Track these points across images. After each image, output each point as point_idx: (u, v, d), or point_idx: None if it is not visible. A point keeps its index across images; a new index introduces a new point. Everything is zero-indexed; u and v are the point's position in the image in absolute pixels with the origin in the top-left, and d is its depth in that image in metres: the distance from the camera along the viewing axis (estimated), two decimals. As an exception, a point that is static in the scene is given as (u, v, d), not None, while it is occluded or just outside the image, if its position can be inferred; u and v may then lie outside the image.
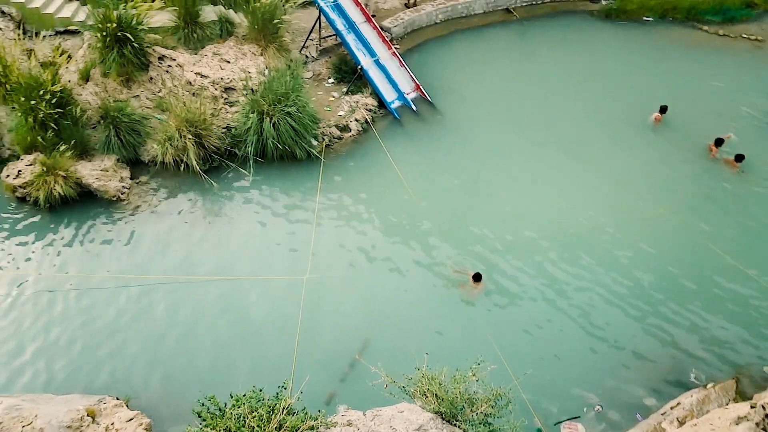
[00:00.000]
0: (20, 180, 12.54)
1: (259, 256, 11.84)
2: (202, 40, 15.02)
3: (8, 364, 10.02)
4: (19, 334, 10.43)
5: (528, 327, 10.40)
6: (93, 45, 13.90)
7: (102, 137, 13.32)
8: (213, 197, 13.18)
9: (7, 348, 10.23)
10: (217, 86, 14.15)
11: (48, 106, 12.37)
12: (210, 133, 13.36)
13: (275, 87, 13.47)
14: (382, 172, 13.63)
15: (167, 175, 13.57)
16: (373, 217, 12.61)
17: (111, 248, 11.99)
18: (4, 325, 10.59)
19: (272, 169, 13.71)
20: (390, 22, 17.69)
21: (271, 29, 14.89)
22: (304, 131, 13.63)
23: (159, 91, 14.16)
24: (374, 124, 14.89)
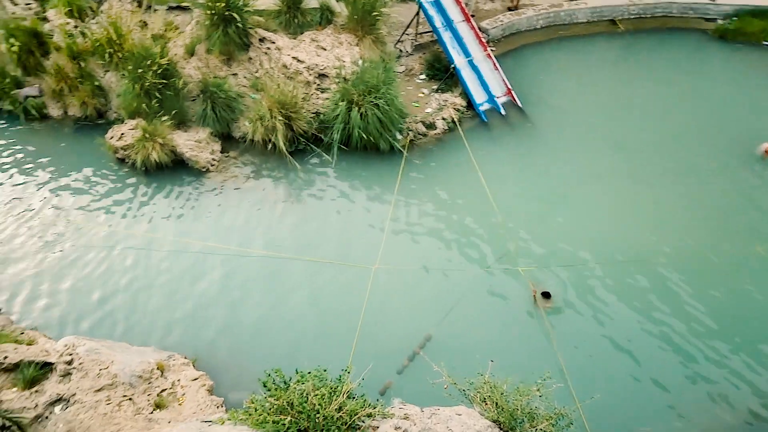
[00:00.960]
0: (122, 142, 13.39)
1: (331, 241, 12.07)
2: (302, 25, 15.41)
3: (92, 312, 10.76)
4: (105, 286, 11.17)
5: (600, 352, 9.98)
6: (201, 22, 14.61)
7: (199, 110, 13.99)
8: (295, 179, 13.55)
9: (92, 297, 10.98)
10: (311, 72, 14.49)
11: (154, 76, 13.14)
12: (299, 116, 13.72)
13: (367, 78, 13.65)
14: (463, 173, 13.53)
15: (255, 152, 14.08)
16: (449, 217, 12.55)
17: (195, 216, 12.60)
18: (93, 276, 11.37)
19: (355, 158, 13.93)
20: (488, 24, 17.48)
21: (369, 21, 15.07)
22: (390, 124, 13.74)
23: (256, 71, 14.68)
24: (460, 125, 14.78)
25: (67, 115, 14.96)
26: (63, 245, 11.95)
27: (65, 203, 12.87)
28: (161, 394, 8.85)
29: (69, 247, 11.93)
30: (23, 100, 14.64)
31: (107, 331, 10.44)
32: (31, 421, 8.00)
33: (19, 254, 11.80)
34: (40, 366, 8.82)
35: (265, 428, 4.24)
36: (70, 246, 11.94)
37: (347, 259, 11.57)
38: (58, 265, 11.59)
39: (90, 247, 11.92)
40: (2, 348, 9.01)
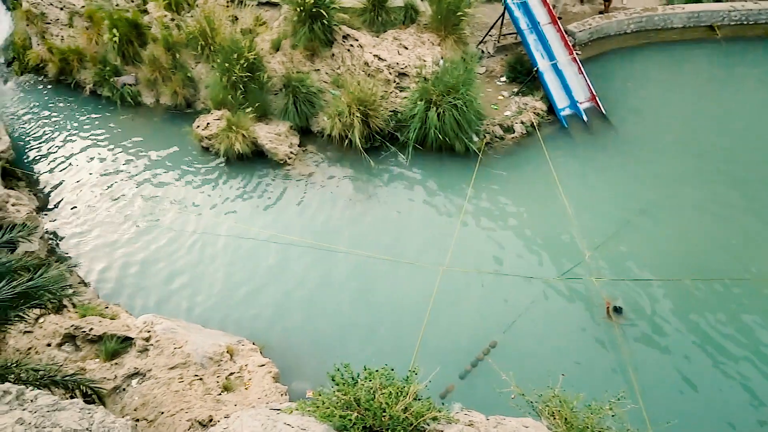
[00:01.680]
0: (207, 131, 13.95)
1: (401, 239, 12.09)
2: (385, 24, 15.50)
3: (161, 289, 11.33)
4: (175, 266, 11.73)
5: (676, 376, 9.43)
6: (289, 18, 14.99)
7: (281, 104, 14.36)
8: (369, 175, 13.67)
9: (161, 276, 11.57)
10: (392, 70, 14.56)
11: (242, 69, 13.61)
12: (377, 114, 13.81)
13: (447, 78, 13.55)
14: (540, 179, 13.19)
15: (331, 147, 14.31)
16: (522, 223, 12.28)
17: (269, 206, 12.97)
18: (165, 255, 11.94)
19: (429, 158, 13.87)
20: (576, 27, 16.94)
21: (453, 20, 14.96)
22: (467, 126, 13.59)
23: (338, 68, 14.90)
24: (540, 129, 14.42)
25: (158, 103, 15.75)
26: (142, 223, 12.66)
27: (149, 184, 13.58)
28: (229, 377, 9.16)
29: (146, 225, 12.62)
30: (120, 87, 15.54)
31: (175, 309, 10.94)
32: (110, 391, 8.48)
33: (102, 229, 12.57)
34: (121, 340, 9.35)
35: (331, 422, 4.29)
36: (148, 224, 12.63)
37: (415, 259, 11.55)
38: (135, 241, 12.31)
39: (165, 227, 12.56)
40: (88, 320, 9.62)
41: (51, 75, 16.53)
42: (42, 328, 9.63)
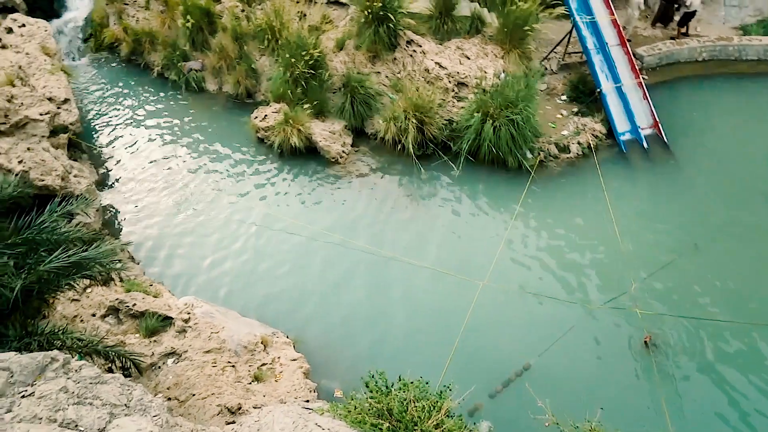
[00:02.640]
0: (264, 123, 14.20)
1: (443, 249, 12.00)
2: (450, 32, 15.43)
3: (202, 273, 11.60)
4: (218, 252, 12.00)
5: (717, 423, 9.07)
6: (355, 19, 15.12)
7: (338, 103, 14.49)
8: (418, 182, 13.64)
9: (204, 260, 11.85)
10: (451, 79, 14.49)
11: (305, 65, 13.79)
12: (432, 121, 13.77)
13: (507, 92, 13.40)
14: (591, 203, 12.88)
15: (383, 151, 14.34)
16: (569, 244, 12.01)
17: (316, 202, 13.10)
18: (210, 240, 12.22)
19: (480, 171, 13.74)
20: (645, 50, 16.48)
21: (519, 35, 14.78)
22: (522, 142, 13.40)
23: (398, 72, 14.93)
24: (596, 152, 14.08)
25: (221, 90, 16.13)
26: (192, 206, 12.99)
27: (203, 169, 13.91)
28: (261, 367, 9.29)
29: (196, 209, 12.96)
30: (187, 72, 15.99)
31: (212, 294, 11.17)
32: (146, 368, 8.71)
33: (153, 208, 12.95)
34: (161, 319, 9.60)
35: (362, 428, 4.29)
36: (197, 208, 12.96)
37: (456, 270, 11.45)
38: (183, 223, 12.63)
39: (213, 212, 12.86)
40: (133, 296, 9.91)
41: (123, 54, 17.14)
42: (89, 298, 9.98)
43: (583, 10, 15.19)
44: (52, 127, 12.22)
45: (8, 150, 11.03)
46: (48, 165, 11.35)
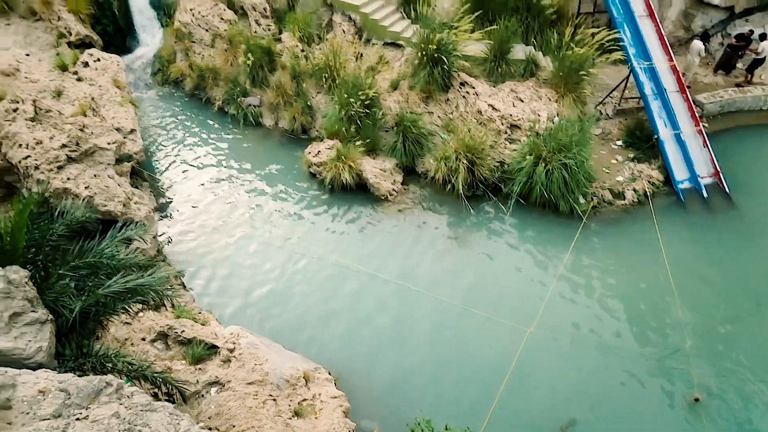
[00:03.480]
0: (317, 159, 14.50)
1: (490, 292, 11.82)
2: (504, 75, 15.53)
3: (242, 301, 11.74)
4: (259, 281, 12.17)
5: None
6: (410, 60, 15.43)
7: (390, 141, 14.70)
8: (466, 222, 13.59)
9: (244, 288, 12.01)
10: (504, 121, 14.50)
11: (360, 105, 14.11)
12: (483, 163, 13.77)
13: (560, 136, 13.32)
14: (646, 253, 12.48)
15: (433, 190, 14.39)
16: (622, 296, 11.63)
17: (364, 239, 13.20)
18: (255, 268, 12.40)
19: (531, 214, 13.58)
20: (705, 98, 16.10)
21: (574, 79, 14.73)
22: (575, 186, 13.21)
23: (451, 112, 15.06)
24: (653, 200, 13.72)
25: (277, 126, 16.63)
26: (244, 236, 13.26)
27: (255, 201, 14.26)
28: (302, 403, 9.26)
29: (246, 238, 13.22)
30: (246, 107, 16.59)
31: (258, 325, 11.28)
32: (190, 395, 8.83)
33: (206, 237, 13.30)
34: (208, 347, 9.75)
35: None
36: (248, 239, 13.21)
37: (502, 315, 11.24)
38: (232, 251, 12.89)
39: (260, 242, 13.10)
40: (182, 322, 10.13)
41: (187, 89, 17.95)
42: (140, 322, 10.25)
43: (641, 55, 15.05)
44: (118, 155, 12.81)
45: (77, 176, 11.62)
46: (111, 191, 11.88)
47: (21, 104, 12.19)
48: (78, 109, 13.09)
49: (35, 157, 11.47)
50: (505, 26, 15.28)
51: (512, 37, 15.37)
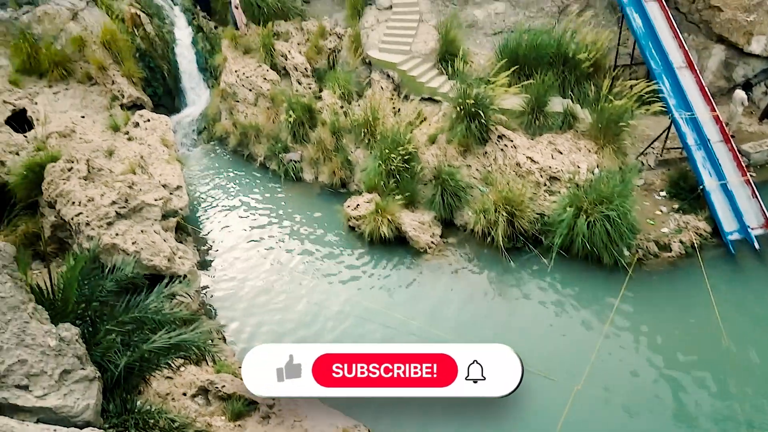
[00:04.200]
0: (356, 212, 14.67)
1: (532, 347, 11.43)
2: (541, 127, 15.56)
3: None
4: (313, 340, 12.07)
5: None
6: (448, 115, 15.67)
7: (429, 194, 14.79)
8: (507, 275, 13.40)
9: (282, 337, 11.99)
10: (543, 173, 14.45)
11: (399, 160, 14.33)
12: (523, 214, 13.66)
13: (601, 187, 13.17)
14: (696, 308, 11.99)
15: (472, 242, 14.30)
16: (672, 355, 11.13)
17: (404, 292, 13.14)
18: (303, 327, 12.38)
19: (573, 266, 13.30)
20: (751, 147, 15.75)
21: (613, 130, 14.65)
22: (618, 238, 12.92)
23: (489, 165, 15.11)
24: (701, 252, 13.28)
25: (317, 180, 16.98)
26: (284, 290, 13.34)
27: (296, 254, 14.43)
28: (341, 461, 9.05)
29: (287, 293, 13.27)
30: (287, 162, 17.04)
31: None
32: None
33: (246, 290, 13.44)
34: (247, 402, 9.70)
35: None
36: (288, 292, 13.27)
37: (547, 371, 10.87)
38: (274, 306, 12.95)
39: (300, 295, 13.14)
40: (222, 377, 10.14)
41: (231, 146, 18.59)
42: (181, 377, 10.31)
43: (681, 106, 14.91)
44: (164, 211, 13.23)
45: (125, 232, 12.01)
46: (157, 246, 12.21)
47: (75, 164, 12.82)
48: (128, 167, 13.68)
49: (87, 213, 11.94)
50: (541, 80, 15.44)
51: (549, 91, 15.48)
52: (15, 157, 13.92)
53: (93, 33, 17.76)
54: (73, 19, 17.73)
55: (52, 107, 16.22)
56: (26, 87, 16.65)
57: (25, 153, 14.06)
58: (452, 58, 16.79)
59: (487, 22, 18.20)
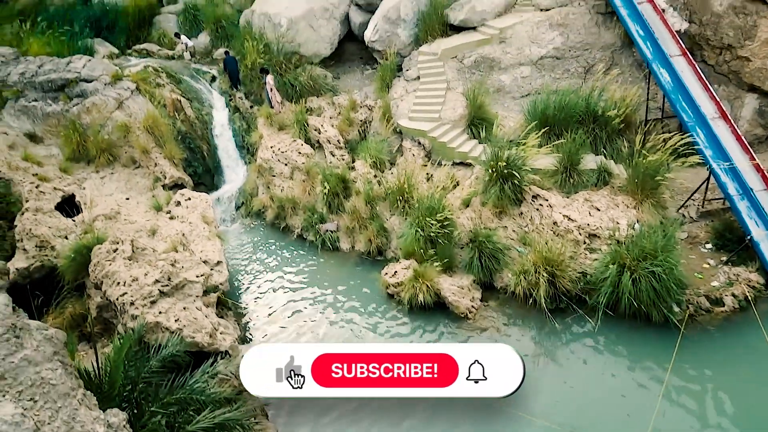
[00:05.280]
0: (394, 279, 14.61)
1: (583, 412, 11.00)
2: (576, 185, 15.48)
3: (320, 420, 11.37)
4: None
5: None
6: (480, 178, 15.76)
7: (466, 258, 14.65)
8: (551, 337, 13.02)
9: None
10: (582, 231, 14.25)
11: (436, 226, 14.36)
12: (564, 274, 13.39)
13: (643, 243, 12.87)
14: (757, 365, 11.40)
15: (513, 304, 14.01)
16: (734, 418, 10.49)
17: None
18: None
19: (621, 326, 12.85)
20: (798, 194, 15.27)
21: (650, 185, 14.46)
22: (666, 294, 12.49)
23: (525, 226, 15.00)
24: (756, 305, 12.71)
25: (353, 249, 17.07)
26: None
27: (336, 324, 14.31)
28: None
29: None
30: (323, 233, 17.25)
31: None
32: None
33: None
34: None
35: None
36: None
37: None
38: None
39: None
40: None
41: (268, 219, 18.96)
42: (225, 456, 10.12)
43: (719, 156, 14.68)
44: (205, 287, 13.41)
45: (168, 309, 12.17)
46: (199, 323, 12.30)
47: (120, 245, 13.22)
48: (170, 245, 14.03)
49: (131, 293, 12.18)
50: (572, 138, 15.50)
51: (581, 148, 15.51)
52: (64, 241, 14.44)
53: (137, 119, 18.75)
54: (118, 108, 18.80)
55: (99, 191, 16.97)
56: (75, 173, 17.54)
57: (73, 236, 14.60)
58: (481, 123, 17.05)
59: (514, 86, 18.55)
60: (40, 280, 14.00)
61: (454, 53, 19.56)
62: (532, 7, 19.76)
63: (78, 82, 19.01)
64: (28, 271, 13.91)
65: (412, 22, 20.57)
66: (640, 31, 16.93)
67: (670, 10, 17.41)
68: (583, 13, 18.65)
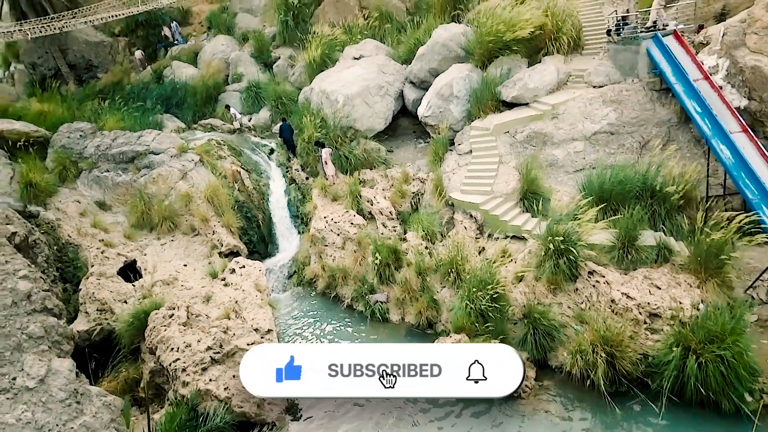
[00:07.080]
0: (445, 354, 14.25)
1: None
2: (634, 262, 15.00)
3: None
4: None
5: None
6: (534, 252, 15.51)
7: (520, 334, 14.25)
8: (612, 423, 12.30)
9: None
10: (642, 310, 13.66)
11: (489, 300, 14.12)
12: (624, 355, 12.76)
13: (709, 324, 12.21)
14: None
15: (569, 386, 13.37)
16: None
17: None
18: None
19: (687, 414, 12.03)
20: None
21: (714, 263, 13.85)
22: (737, 382, 11.68)
23: (581, 302, 14.53)
24: (841, 396, 11.70)
25: (403, 321, 16.89)
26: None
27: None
28: None
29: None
30: (373, 303, 17.20)
31: None
32: None
33: None
34: None
35: None
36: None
37: None
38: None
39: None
40: None
41: (319, 288, 19.09)
42: None
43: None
44: (264, 355, 13.45)
45: (218, 377, 12.24)
46: (248, 393, 12.25)
47: (176, 310, 13.55)
48: (223, 312, 14.28)
49: (184, 359, 12.35)
50: (630, 214, 15.18)
51: (638, 224, 15.12)
52: (123, 305, 14.93)
53: (198, 189, 19.64)
54: (182, 178, 19.76)
55: (159, 257, 17.61)
56: (138, 239, 18.32)
57: (132, 301, 15.09)
58: (534, 197, 16.97)
59: (567, 161, 18.51)
60: (98, 342, 14.42)
61: (507, 128, 19.85)
62: (584, 85, 19.97)
63: (147, 154, 20.23)
64: (89, 335, 14.37)
65: (464, 98, 21.11)
66: (697, 108, 16.75)
67: (728, 87, 17.24)
68: (637, 90, 18.68)
